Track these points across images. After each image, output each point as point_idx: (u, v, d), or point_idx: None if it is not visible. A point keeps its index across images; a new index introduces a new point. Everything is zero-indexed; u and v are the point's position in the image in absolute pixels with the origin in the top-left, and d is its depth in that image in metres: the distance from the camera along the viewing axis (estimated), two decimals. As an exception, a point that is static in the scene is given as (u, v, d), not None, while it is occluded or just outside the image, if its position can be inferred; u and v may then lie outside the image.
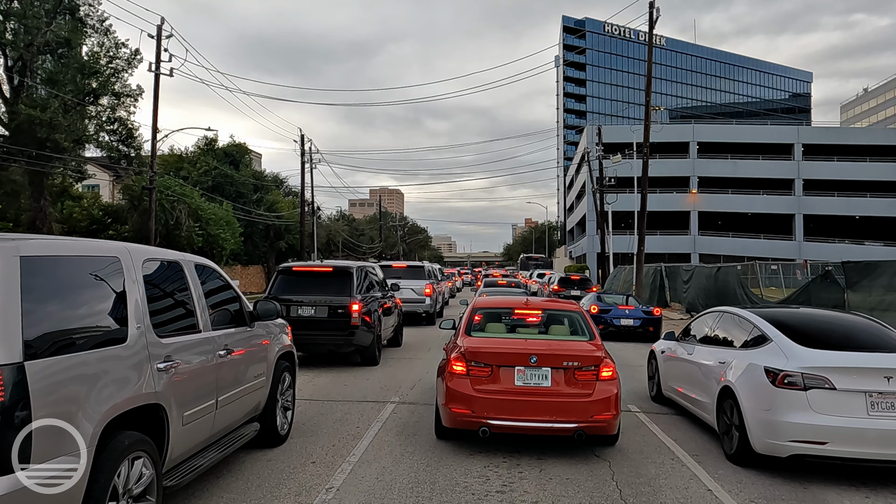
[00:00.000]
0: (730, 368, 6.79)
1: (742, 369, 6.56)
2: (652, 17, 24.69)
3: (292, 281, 12.03)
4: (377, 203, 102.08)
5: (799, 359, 6.06)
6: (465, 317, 7.60)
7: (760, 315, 7.17)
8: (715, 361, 7.28)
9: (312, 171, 47.01)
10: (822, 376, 5.79)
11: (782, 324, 6.78)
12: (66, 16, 27.78)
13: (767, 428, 5.99)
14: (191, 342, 4.82)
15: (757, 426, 6.09)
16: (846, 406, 5.70)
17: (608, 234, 41.20)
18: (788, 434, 5.82)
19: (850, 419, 5.65)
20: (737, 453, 6.37)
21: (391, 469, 5.94)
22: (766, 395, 6.08)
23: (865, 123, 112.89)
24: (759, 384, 6.19)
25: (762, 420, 6.05)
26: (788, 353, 6.21)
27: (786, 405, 5.87)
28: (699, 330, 8.43)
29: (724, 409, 6.77)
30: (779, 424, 5.88)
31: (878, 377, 5.72)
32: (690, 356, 8.10)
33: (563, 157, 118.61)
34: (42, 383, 3.15)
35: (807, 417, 5.74)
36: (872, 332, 6.70)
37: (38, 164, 27.22)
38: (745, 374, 6.47)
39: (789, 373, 5.94)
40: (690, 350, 8.20)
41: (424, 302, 20.73)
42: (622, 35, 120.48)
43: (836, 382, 5.75)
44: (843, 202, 66.00)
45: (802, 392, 5.81)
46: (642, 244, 25.80)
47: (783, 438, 5.86)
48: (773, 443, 5.96)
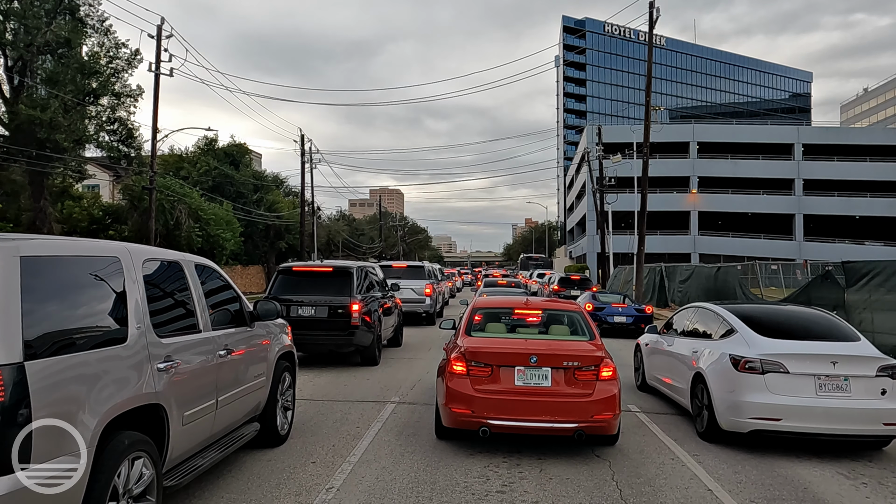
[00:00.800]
0: (702, 357, 7.65)
1: (711, 357, 7.42)
2: (652, 17, 24.68)
3: (292, 281, 12.03)
4: (377, 203, 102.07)
5: (759, 347, 6.94)
6: (466, 317, 7.60)
7: (729, 310, 8.00)
8: (690, 351, 8.10)
9: (312, 171, 47.03)
10: (777, 361, 6.67)
11: (747, 317, 7.62)
12: (66, 16, 27.78)
13: (731, 407, 6.82)
14: (191, 342, 4.82)
15: (723, 406, 6.93)
16: (798, 387, 6.60)
17: (608, 234, 41.18)
18: (749, 412, 6.66)
19: (801, 399, 6.55)
20: (706, 431, 7.19)
21: (391, 469, 5.94)
22: (730, 379, 6.91)
23: (865, 123, 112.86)
24: (724, 370, 7.02)
25: (727, 400, 6.89)
26: (750, 343, 7.08)
27: (747, 387, 6.72)
28: (679, 324, 9.21)
29: (697, 393, 7.59)
30: (741, 404, 6.72)
31: (826, 362, 6.63)
32: (670, 347, 8.92)
33: (563, 157, 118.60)
34: (42, 383, 3.15)
35: (764, 397, 6.61)
36: (825, 324, 7.59)
37: (38, 165, 27.22)
38: (714, 361, 7.31)
39: (750, 359, 6.81)
40: (670, 342, 9.01)
41: (424, 302, 20.73)
42: (622, 35, 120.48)
43: (790, 367, 6.63)
44: (843, 202, 65.98)
45: (761, 375, 6.69)
46: (642, 244, 25.78)
47: (744, 416, 6.70)
48: (736, 420, 6.79)
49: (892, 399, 6.62)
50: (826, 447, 6.86)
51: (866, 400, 6.59)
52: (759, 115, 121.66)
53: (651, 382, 9.77)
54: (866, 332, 12.95)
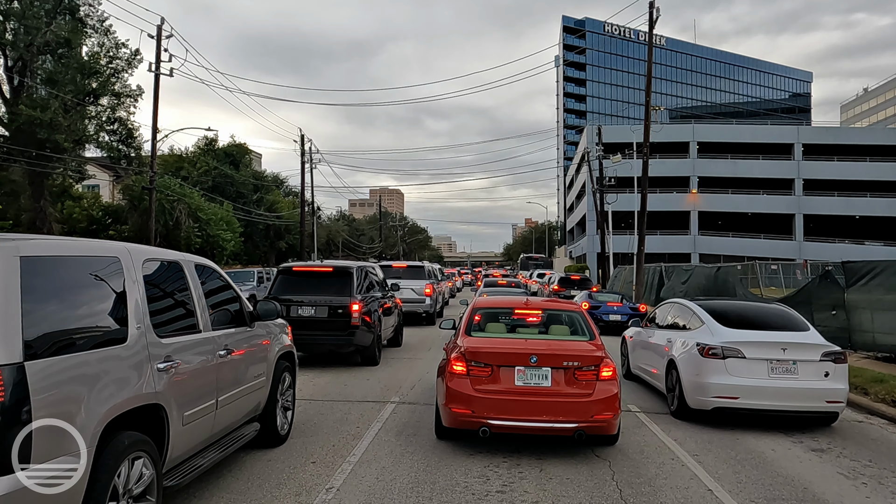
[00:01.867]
0: (674, 346, 8.68)
1: (682, 346, 8.43)
2: (652, 17, 24.68)
3: (292, 281, 12.03)
4: (377, 203, 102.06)
5: (721, 336, 7.96)
6: (466, 317, 7.60)
7: (700, 305, 9.04)
8: (665, 341, 9.11)
9: (312, 171, 47.00)
10: (735, 348, 7.68)
11: (714, 311, 8.66)
12: (66, 16, 27.81)
13: (697, 388, 7.86)
14: (191, 342, 4.82)
15: (690, 387, 7.97)
16: (753, 370, 7.59)
17: (608, 234, 41.17)
18: (712, 392, 7.68)
19: (756, 380, 7.54)
20: (677, 410, 8.24)
21: (391, 469, 5.93)
22: (696, 364, 7.91)
23: (865, 123, 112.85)
24: (692, 356, 8.04)
25: (693, 382, 7.92)
26: (714, 332, 8.11)
27: (710, 371, 7.72)
28: (659, 318, 10.21)
29: (669, 377, 8.59)
30: (705, 385, 7.74)
31: (777, 349, 7.65)
32: (650, 339, 9.93)
33: (563, 157, 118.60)
34: (42, 383, 3.15)
35: (724, 379, 7.62)
36: (781, 316, 8.62)
37: (38, 165, 27.23)
38: (684, 349, 8.32)
39: (712, 346, 7.81)
40: (651, 334, 10.01)
41: (424, 302, 20.72)
42: (622, 35, 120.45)
43: (746, 352, 7.63)
44: (843, 202, 65.96)
45: (722, 360, 7.68)
46: (642, 244, 25.78)
47: (708, 395, 7.71)
48: (701, 399, 7.81)
49: (833, 380, 7.60)
50: (826, 450, 6.87)
51: (811, 381, 7.55)
52: (759, 115, 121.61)
53: (635, 371, 10.63)
54: (866, 331, 13.00)
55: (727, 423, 7.97)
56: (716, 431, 7.63)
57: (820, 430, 7.81)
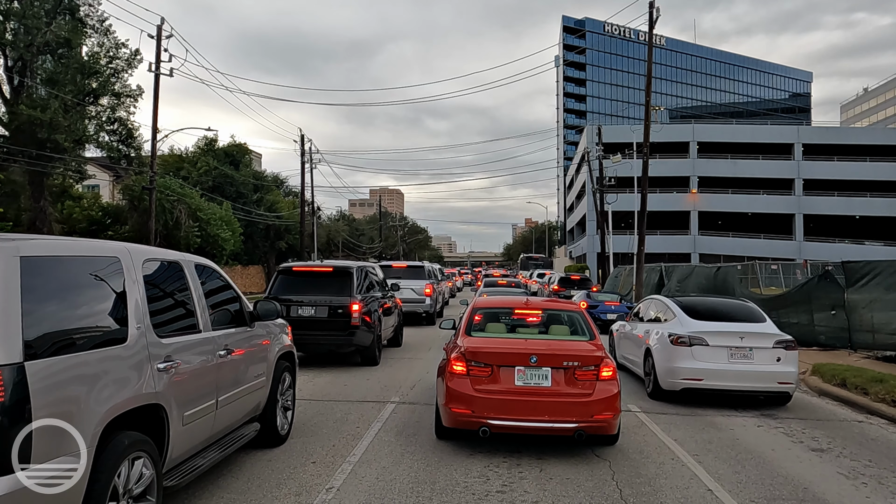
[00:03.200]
0: (650, 336, 9.87)
1: (656, 336, 9.63)
2: (652, 16, 24.66)
3: (292, 281, 12.03)
4: (377, 203, 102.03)
5: (689, 326, 9.21)
6: (466, 317, 7.60)
7: (674, 301, 10.36)
8: (643, 332, 10.31)
9: (312, 171, 46.99)
10: (700, 336, 8.89)
11: (685, 306, 9.92)
12: (66, 16, 27.77)
13: (668, 372, 9.03)
14: (191, 342, 4.82)
15: (662, 371, 9.14)
16: (715, 356, 8.75)
17: (608, 234, 41.16)
18: (680, 375, 8.87)
19: (717, 364, 8.70)
20: (652, 392, 9.42)
21: (391, 469, 5.93)
22: (667, 351, 9.08)
23: (865, 123, 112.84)
24: (664, 344, 9.22)
25: (665, 367, 9.09)
26: (683, 324, 9.35)
27: (679, 356, 8.90)
28: (642, 313, 11.32)
29: (647, 363, 9.76)
30: (675, 369, 8.93)
31: (736, 337, 8.83)
32: (632, 331, 11.12)
33: (563, 157, 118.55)
34: (42, 383, 3.15)
35: (691, 363, 8.79)
36: (742, 310, 9.90)
37: (38, 165, 27.22)
38: (658, 338, 9.51)
39: (681, 335, 9.02)
40: (634, 327, 11.19)
41: (424, 302, 20.72)
42: (622, 35, 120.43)
43: (710, 340, 8.82)
44: (843, 202, 65.94)
45: (689, 347, 8.87)
46: (642, 244, 25.75)
47: (677, 378, 8.91)
48: (671, 381, 9.00)
49: (784, 365, 8.69)
50: (826, 450, 6.86)
51: (765, 365, 8.66)
52: (759, 115, 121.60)
53: (620, 360, 11.46)
54: (866, 330, 13.00)
55: (727, 422, 7.98)
56: (716, 431, 7.63)
57: (820, 431, 7.81)
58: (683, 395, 8.99)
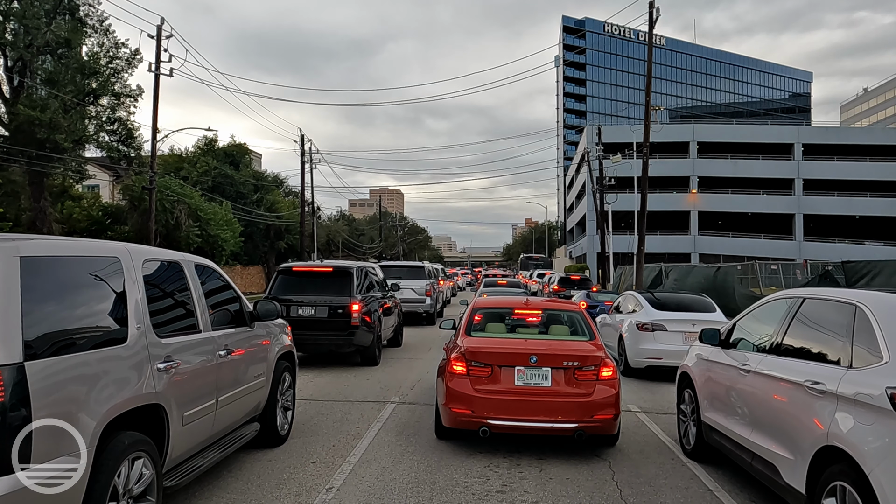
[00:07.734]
0: (623, 324, 11.76)
1: (627, 324, 11.52)
2: (652, 16, 24.67)
3: (292, 281, 12.03)
4: (377, 203, 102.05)
5: (652, 316, 11.12)
6: (465, 317, 7.60)
7: (642, 295, 12.21)
8: (618, 321, 12.17)
9: (312, 171, 46.98)
10: (661, 324, 10.85)
11: (651, 300, 11.80)
12: (66, 16, 27.78)
13: (635, 353, 11.07)
14: (191, 342, 4.82)
15: (630, 352, 11.19)
16: (672, 339, 10.62)
17: (608, 234, 41.15)
18: (644, 355, 10.92)
19: (674, 346, 10.37)
20: (623, 370, 10.98)
21: (391, 469, 5.94)
22: (634, 336, 11.13)
23: (865, 123, 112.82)
24: (632, 331, 11.22)
25: (632, 349, 11.13)
26: (648, 314, 11.25)
27: (643, 340, 10.94)
28: (621, 306, 13.05)
29: (620, 346, 11.67)
30: (640, 350, 10.97)
31: (689, 324, 10.56)
32: (611, 321, 12.82)
33: (563, 156, 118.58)
34: (42, 383, 3.15)
35: (653, 346, 10.79)
36: (698, 303, 11.88)
37: (38, 165, 27.22)
38: (628, 326, 11.43)
39: (645, 323, 11.01)
40: (613, 318, 12.88)
41: (424, 302, 20.73)
42: (622, 35, 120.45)
43: (668, 327, 10.78)
44: (843, 202, 65.94)
45: (651, 332, 10.86)
46: (642, 244, 25.77)
47: (642, 357, 10.96)
48: (637, 360, 11.02)
49: None
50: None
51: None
52: (759, 115, 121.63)
53: None
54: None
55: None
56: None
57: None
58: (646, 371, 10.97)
